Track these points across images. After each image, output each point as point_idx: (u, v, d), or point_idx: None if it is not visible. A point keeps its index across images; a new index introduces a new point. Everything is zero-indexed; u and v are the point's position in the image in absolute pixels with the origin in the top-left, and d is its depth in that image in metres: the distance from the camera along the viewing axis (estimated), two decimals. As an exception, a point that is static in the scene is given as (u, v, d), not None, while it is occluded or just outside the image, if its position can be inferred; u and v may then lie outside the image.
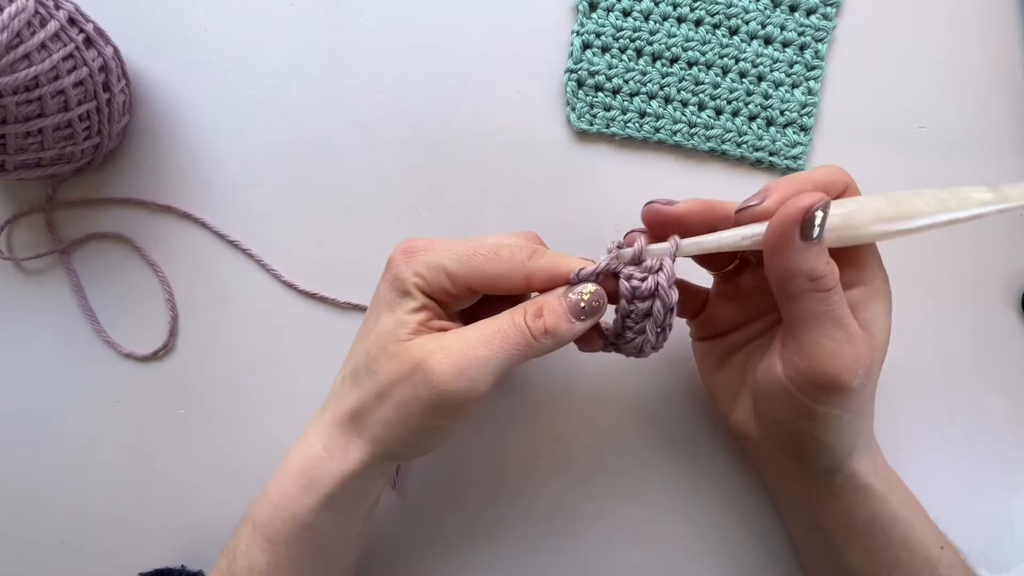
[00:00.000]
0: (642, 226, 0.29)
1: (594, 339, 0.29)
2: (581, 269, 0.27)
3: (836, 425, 0.27)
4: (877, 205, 0.26)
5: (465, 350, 0.26)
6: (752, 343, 0.32)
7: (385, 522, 0.36)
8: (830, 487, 0.30)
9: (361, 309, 0.38)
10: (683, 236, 0.27)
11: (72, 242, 0.38)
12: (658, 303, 0.27)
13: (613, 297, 0.28)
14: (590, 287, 0.27)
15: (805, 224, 0.24)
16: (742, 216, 0.27)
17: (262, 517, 0.28)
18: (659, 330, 0.28)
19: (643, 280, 0.27)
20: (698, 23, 0.38)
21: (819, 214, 0.24)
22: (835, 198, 0.27)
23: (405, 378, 0.26)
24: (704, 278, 0.33)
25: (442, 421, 0.27)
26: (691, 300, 0.33)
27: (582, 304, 0.26)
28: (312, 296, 0.38)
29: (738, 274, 0.31)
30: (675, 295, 0.27)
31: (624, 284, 0.27)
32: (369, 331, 0.28)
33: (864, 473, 0.29)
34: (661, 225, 0.28)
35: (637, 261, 0.27)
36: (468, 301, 0.29)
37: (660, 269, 0.27)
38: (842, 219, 0.25)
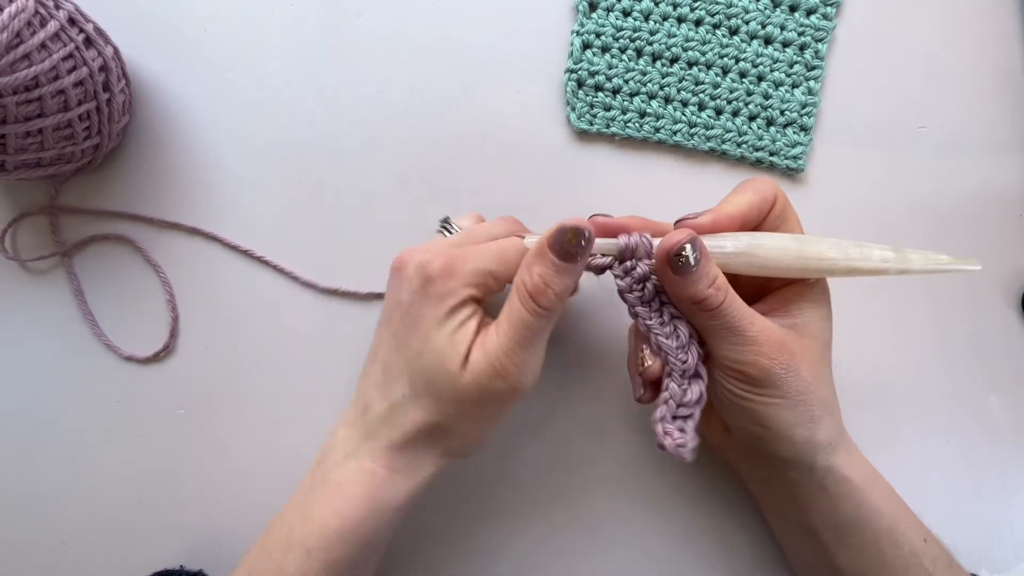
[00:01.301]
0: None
1: (648, 388, 0.30)
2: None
3: (777, 414, 0.28)
4: (781, 242, 0.28)
5: (509, 349, 0.27)
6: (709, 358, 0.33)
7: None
8: (812, 483, 0.30)
9: (371, 297, 0.38)
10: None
11: (74, 244, 0.38)
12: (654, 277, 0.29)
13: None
14: (568, 228, 0.27)
15: (671, 261, 0.27)
16: (681, 226, 0.29)
17: (319, 543, 0.28)
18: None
19: (634, 268, 0.29)
20: (698, 23, 0.38)
21: (686, 249, 0.27)
22: (763, 216, 0.30)
23: (484, 397, 0.27)
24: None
25: (510, 409, 0.30)
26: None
27: (568, 248, 0.27)
28: (330, 292, 0.38)
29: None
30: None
31: (620, 283, 0.29)
32: (418, 351, 0.28)
33: (841, 466, 0.30)
34: (607, 234, 0.30)
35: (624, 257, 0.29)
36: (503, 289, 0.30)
37: (640, 260, 0.29)
38: (746, 247, 0.28)
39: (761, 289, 0.31)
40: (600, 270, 0.29)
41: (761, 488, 0.35)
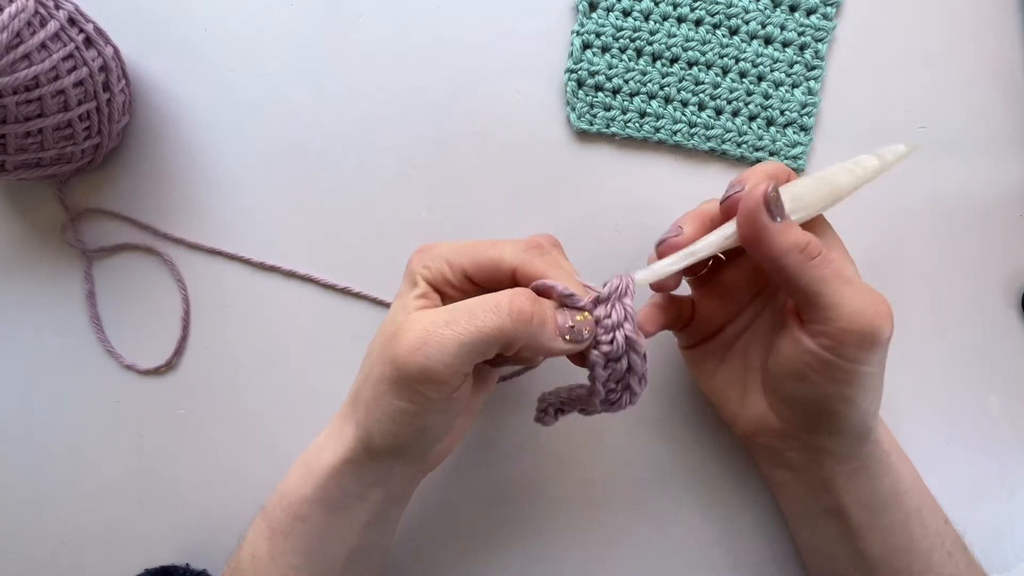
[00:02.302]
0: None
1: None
2: (566, 290, 0.26)
3: (872, 383, 0.28)
4: (809, 185, 0.28)
5: (427, 326, 0.24)
6: (745, 334, 0.32)
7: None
8: (856, 459, 0.30)
9: (374, 302, 0.38)
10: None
11: (102, 248, 0.38)
12: (633, 355, 0.26)
13: (580, 362, 0.27)
14: (585, 313, 0.26)
15: (770, 205, 0.26)
16: (727, 206, 0.28)
17: (269, 505, 0.29)
18: (640, 378, 0.27)
19: (611, 341, 0.26)
20: (698, 23, 0.38)
21: (772, 196, 0.26)
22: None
23: (380, 355, 0.27)
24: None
25: (406, 403, 0.25)
26: (679, 311, 0.32)
27: (570, 324, 0.26)
28: (342, 291, 0.38)
29: (714, 273, 0.32)
30: (643, 340, 0.27)
31: (595, 353, 0.26)
32: (385, 319, 0.30)
33: (884, 441, 0.30)
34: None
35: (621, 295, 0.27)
36: (468, 292, 0.28)
37: (624, 320, 0.26)
38: (791, 201, 0.27)
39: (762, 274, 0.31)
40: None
41: (791, 477, 0.33)
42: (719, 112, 0.38)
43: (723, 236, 0.28)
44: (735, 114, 0.38)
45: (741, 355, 0.32)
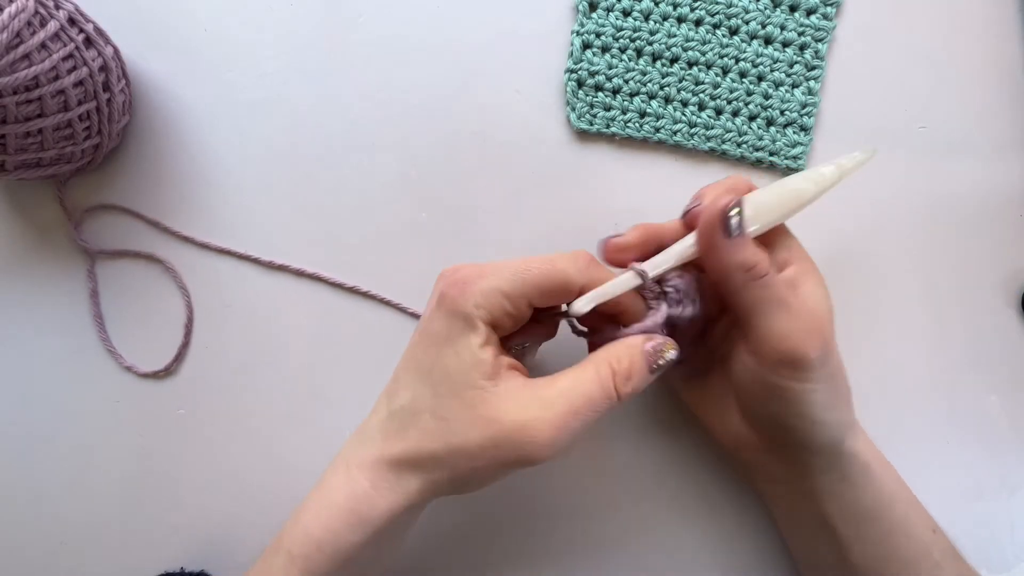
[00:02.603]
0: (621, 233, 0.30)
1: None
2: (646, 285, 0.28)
3: (817, 399, 0.28)
4: (770, 195, 0.29)
5: (556, 421, 0.25)
6: (720, 348, 0.32)
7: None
8: (836, 471, 0.30)
9: (378, 301, 0.38)
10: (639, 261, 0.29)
11: (103, 251, 0.38)
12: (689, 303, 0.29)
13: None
14: (671, 344, 0.28)
15: (725, 222, 0.27)
16: (689, 219, 0.29)
17: (301, 551, 0.27)
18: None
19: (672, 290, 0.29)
20: (698, 23, 0.38)
21: (735, 211, 0.27)
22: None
23: (492, 442, 0.25)
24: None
25: (513, 473, 0.27)
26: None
27: (661, 361, 0.27)
28: (348, 290, 0.38)
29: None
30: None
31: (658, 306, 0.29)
32: (429, 367, 0.27)
33: (862, 452, 0.30)
34: (619, 254, 0.30)
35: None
36: (525, 319, 0.29)
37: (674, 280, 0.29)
38: (753, 210, 0.28)
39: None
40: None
41: (775, 486, 0.34)
42: (719, 112, 0.38)
43: (684, 248, 0.29)
44: (735, 114, 0.38)
45: (719, 371, 0.32)
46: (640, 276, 0.28)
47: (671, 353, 0.27)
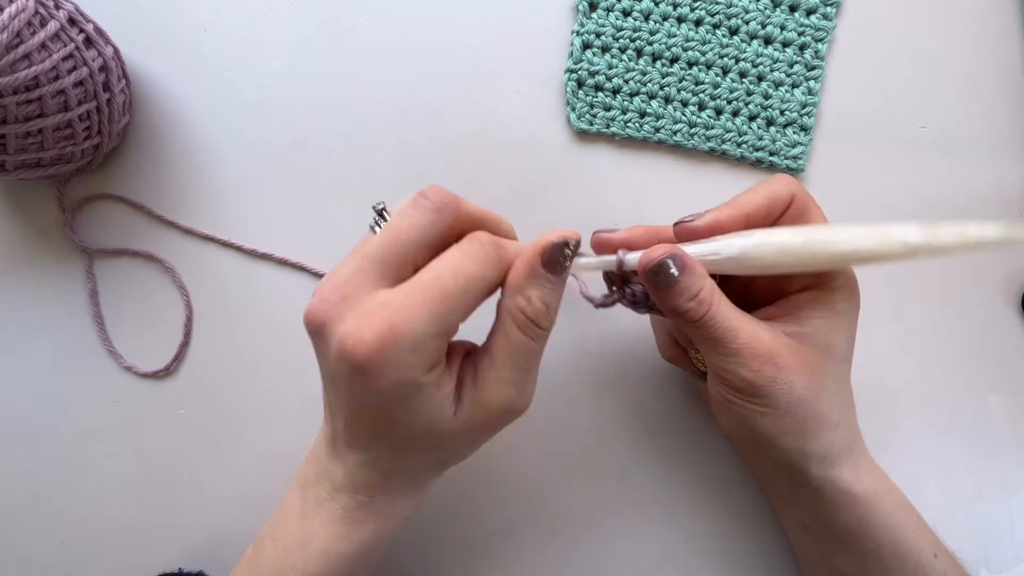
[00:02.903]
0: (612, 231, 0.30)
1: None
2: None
3: (764, 423, 0.28)
4: (781, 238, 0.26)
5: (520, 392, 0.26)
6: None
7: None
8: (808, 489, 0.30)
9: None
10: None
11: (104, 250, 0.38)
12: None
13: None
14: (555, 239, 0.25)
15: (649, 277, 0.26)
16: (678, 230, 0.29)
17: (316, 568, 0.27)
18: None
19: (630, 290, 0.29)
20: (698, 23, 0.38)
21: (667, 265, 0.26)
22: (778, 215, 0.28)
23: (479, 438, 0.27)
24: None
25: None
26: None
27: (559, 259, 0.25)
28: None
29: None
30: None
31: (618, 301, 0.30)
32: (388, 427, 0.25)
33: (843, 480, 0.29)
34: (608, 250, 0.29)
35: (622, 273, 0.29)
36: None
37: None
38: (740, 252, 0.26)
39: (778, 290, 0.30)
40: (609, 304, 0.30)
41: (764, 483, 0.35)
42: (719, 112, 0.38)
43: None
44: (735, 114, 0.38)
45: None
46: (619, 263, 0.28)
47: (555, 240, 0.25)
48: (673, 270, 0.26)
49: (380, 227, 0.26)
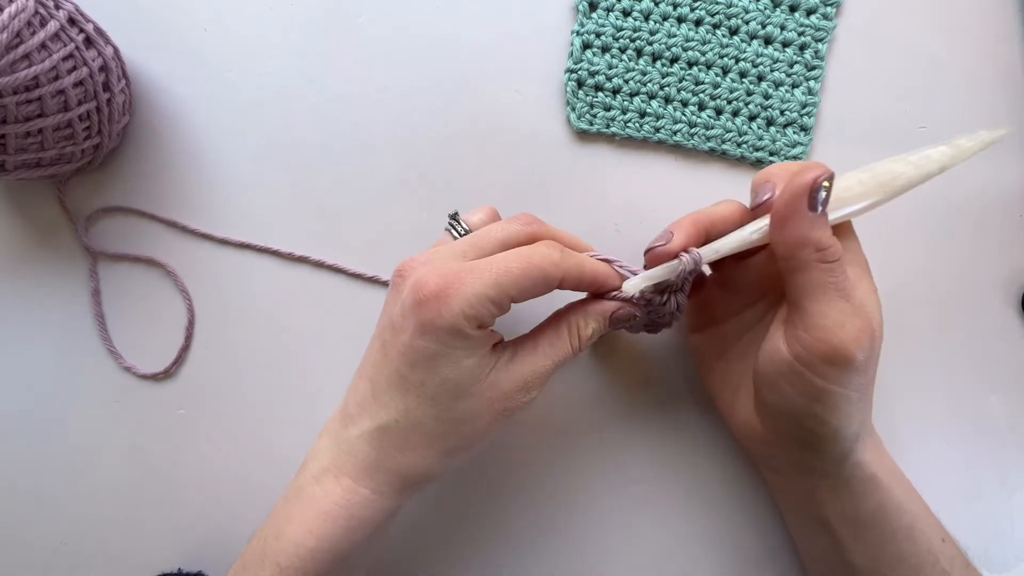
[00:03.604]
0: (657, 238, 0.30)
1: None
2: (619, 293, 0.30)
3: (843, 406, 0.27)
4: (860, 180, 0.28)
5: (541, 377, 0.29)
6: (748, 333, 0.32)
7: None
8: (837, 478, 0.30)
9: (375, 283, 0.38)
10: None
11: (105, 253, 0.38)
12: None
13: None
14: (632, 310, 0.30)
15: (813, 195, 0.25)
16: (762, 209, 0.28)
17: (291, 562, 0.27)
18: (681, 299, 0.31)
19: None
20: (698, 23, 0.38)
21: (824, 185, 0.25)
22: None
23: (501, 413, 0.28)
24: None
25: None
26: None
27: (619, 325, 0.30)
28: (352, 276, 0.38)
29: (730, 267, 0.32)
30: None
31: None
32: (419, 381, 0.27)
33: (869, 463, 0.29)
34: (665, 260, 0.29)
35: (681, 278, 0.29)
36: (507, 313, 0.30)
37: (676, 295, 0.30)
38: (838, 193, 0.27)
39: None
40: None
41: (779, 478, 0.34)
42: (719, 112, 0.38)
43: (747, 234, 0.28)
44: (735, 114, 0.38)
45: (740, 355, 0.32)
46: (694, 262, 0.28)
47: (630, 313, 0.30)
48: (823, 193, 0.25)
49: (456, 231, 0.31)
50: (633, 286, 0.29)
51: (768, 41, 0.38)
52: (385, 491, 0.28)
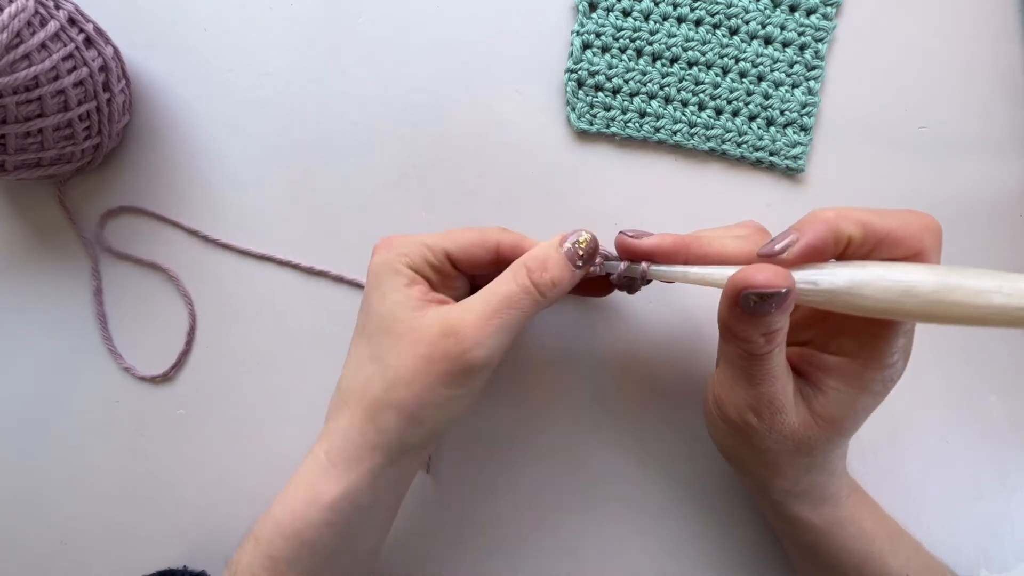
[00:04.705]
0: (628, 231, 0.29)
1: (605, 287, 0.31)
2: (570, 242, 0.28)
3: (734, 450, 0.29)
4: (908, 276, 0.22)
5: (477, 321, 0.26)
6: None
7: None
8: (767, 506, 0.31)
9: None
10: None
11: (111, 250, 0.38)
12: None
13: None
14: (584, 235, 0.28)
15: (743, 301, 0.23)
16: (763, 258, 0.25)
17: (264, 534, 0.27)
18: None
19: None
20: (698, 23, 0.38)
21: (753, 298, 0.23)
22: (900, 257, 0.24)
23: (424, 359, 0.26)
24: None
25: (458, 391, 0.27)
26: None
27: (580, 252, 0.27)
28: (333, 278, 0.38)
29: None
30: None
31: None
32: (363, 324, 0.29)
33: (792, 507, 0.30)
34: (629, 255, 0.29)
35: (628, 277, 0.29)
36: (456, 283, 0.30)
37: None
38: (847, 283, 0.23)
39: (815, 339, 0.28)
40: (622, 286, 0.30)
41: (751, 489, 0.35)
42: (719, 112, 0.38)
43: (715, 276, 0.26)
44: (735, 114, 0.38)
45: (716, 376, 0.33)
46: (643, 274, 0.28)
47: (584, 235, 0.28)
48: (754, 303, 0.23)
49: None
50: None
51: (768, 41, 0.38)
52: (336, 460, 0.27)
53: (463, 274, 0.30)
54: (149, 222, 0.38)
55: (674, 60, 0.38)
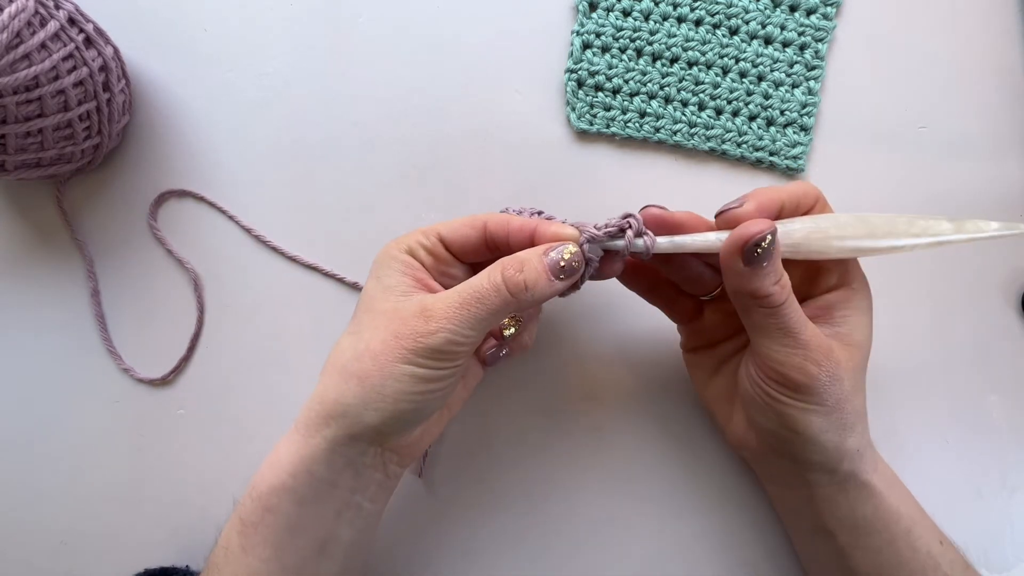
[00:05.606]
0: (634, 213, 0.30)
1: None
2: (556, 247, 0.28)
3: (812, 421, 0.28)
4: (843, 222, 0.28)
5: (447, 310, 0.27)
6: (740, 354, 0.33)
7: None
8: (832, 487, 0.30)
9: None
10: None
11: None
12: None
13: None
14: (571, 248, 0.28)
15: (746, 252, 0.26)
16: (721, 219, 0.28)
17: (242, 499, 0.29)
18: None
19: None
20: (698, 23, 0.38)
21: (767, 239, 0.26)
22: (804, 213, 0.29)
23: (393, 334, 0.27)
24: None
25: (419, 371, 0.27)
26: (685, 306, 0.34)
27: (562, 263, 0.27)
28: (334, 278, 0.38)
29: (723, 294, 0.32)
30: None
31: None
32: (356, 307, 0.30)
33: (863, 471, 0.30)
34: (661, 228, 0.30)
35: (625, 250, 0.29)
36: (452, 270, 0.30)
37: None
38: (806, 233, 0.28)
39: (801, 294, 0.30)
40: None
41: (778, 488, 0.34)
42: (719, 112, 0.38)
43: (707, 243, 0.28)
44: (735, 114, 0.38)
45: (733, 372, 0.33)
46: (647, 248, 0.29)
47: (571, 248, 0.28)
48: (771, 247, 0.26)
49: None
50: (585, 239, 0.29)
51: (768, 41, 0.38)
52: (300, 424, 0.28)
53: (460, 262, 0.31)
54: (144, 220, 0.38)
55: (674, 60, 0.38)
